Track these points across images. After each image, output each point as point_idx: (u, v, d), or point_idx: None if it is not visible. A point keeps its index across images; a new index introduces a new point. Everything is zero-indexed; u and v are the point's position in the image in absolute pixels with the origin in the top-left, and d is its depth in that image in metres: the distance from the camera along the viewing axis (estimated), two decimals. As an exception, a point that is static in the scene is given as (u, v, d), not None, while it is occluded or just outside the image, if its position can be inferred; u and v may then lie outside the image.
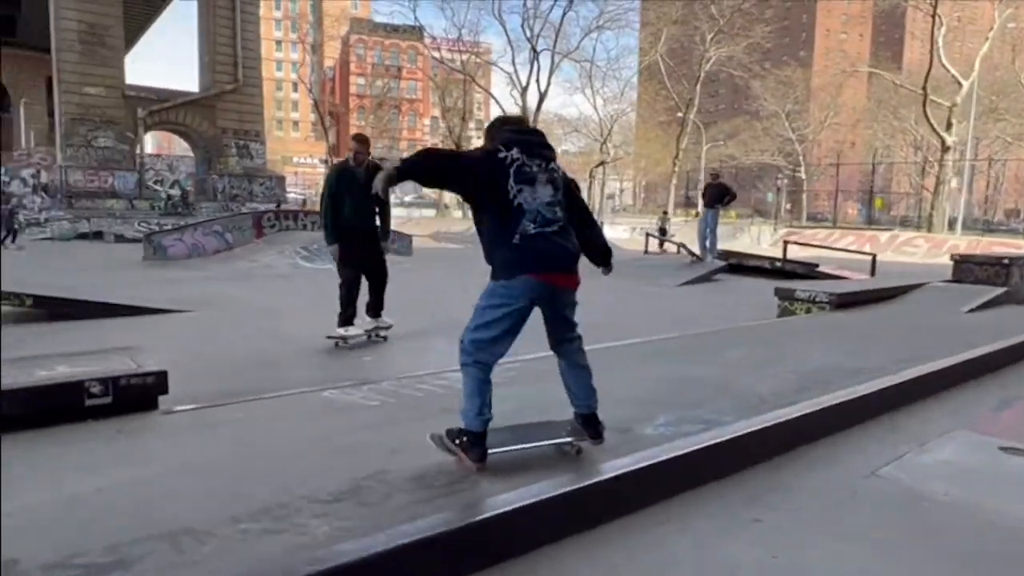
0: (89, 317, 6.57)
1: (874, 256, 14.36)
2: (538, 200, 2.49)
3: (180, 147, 45.78)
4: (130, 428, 2.85)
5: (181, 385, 4.25)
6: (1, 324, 3.29)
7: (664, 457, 2.67)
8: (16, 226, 19.54)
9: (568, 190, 2.65)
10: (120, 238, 22.95)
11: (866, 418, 3.61)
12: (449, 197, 45.96)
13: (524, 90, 37.83)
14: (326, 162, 51.54)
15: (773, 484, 2.80)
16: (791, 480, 2.86)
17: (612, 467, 2.54)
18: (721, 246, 14.25)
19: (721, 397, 3.58)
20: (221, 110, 38.75)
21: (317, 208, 7.10)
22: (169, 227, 15.96)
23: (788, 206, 39.60)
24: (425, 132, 60.61)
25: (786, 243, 13.72)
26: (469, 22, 40.21)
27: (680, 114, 41.73)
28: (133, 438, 2.78)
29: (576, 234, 2.63)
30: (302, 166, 63.42)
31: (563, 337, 2.63)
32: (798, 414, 3.30)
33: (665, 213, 24.19)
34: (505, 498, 2.23)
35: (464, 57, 42.43)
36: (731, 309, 8.73)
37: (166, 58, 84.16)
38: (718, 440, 2.86)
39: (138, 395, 3.01)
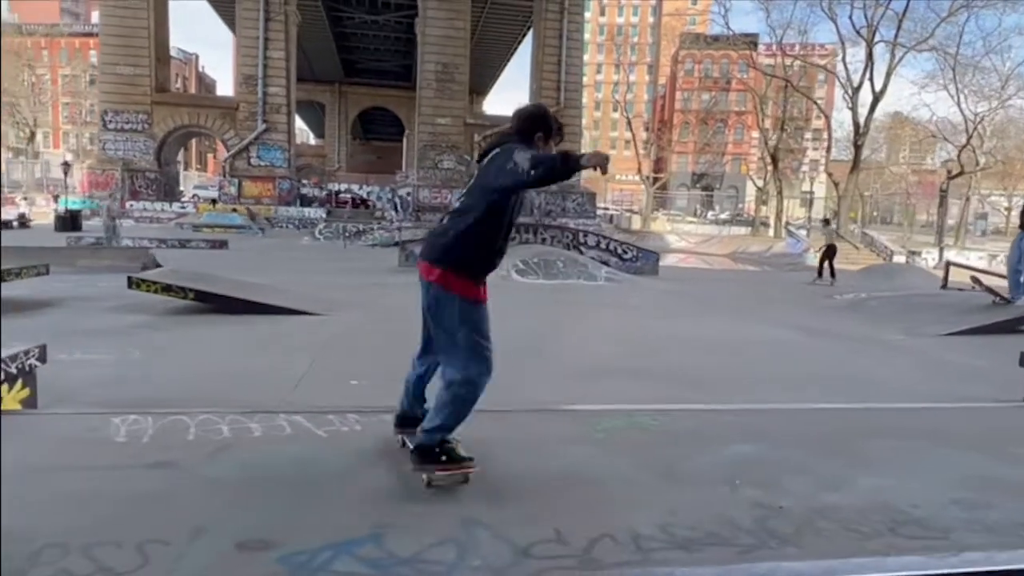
0: (239, 312, 7.50)
1: None
2: None
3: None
4: None
5: (132, 387, 4.42)
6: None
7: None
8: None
9: (480, 173, 2.60)
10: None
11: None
12: (764, 212, 42.06)
13: (856, 90, 32.35)
14: (646, 178, 51.90)
15: None
16: None
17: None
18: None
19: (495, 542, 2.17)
20: (543, 132, 42.12)
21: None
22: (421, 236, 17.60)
23: None
24: (753, 145, 56.97)
25: None
26: (796, 21, 35.47)
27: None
28: None
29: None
30: (625, 183, 65.55)
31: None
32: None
33: (827, 222, 16.49)
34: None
35: (788, 62, 38.33)
36: (966, 377, 6.05)
37: (505, 90, 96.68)
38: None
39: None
